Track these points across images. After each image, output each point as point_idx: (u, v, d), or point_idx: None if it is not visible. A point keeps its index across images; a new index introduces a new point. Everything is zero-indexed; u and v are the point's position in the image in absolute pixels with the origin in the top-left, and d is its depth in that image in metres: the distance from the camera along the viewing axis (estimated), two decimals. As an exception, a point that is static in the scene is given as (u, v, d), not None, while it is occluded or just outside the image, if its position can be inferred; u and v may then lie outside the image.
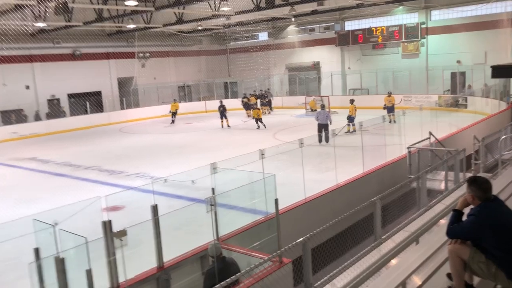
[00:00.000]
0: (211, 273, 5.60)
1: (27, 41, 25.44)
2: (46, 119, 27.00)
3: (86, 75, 29.44)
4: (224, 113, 24.16)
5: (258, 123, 22.60)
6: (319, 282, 5.08)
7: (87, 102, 27.89)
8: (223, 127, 24.00)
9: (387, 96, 22.33)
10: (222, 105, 24.51)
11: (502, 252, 3.86)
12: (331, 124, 17.75)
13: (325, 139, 16.42)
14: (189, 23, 27.14)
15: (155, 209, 5.74)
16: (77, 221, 5.79)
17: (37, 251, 4.67)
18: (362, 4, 25.48)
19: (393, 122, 19.27)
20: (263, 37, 36.29)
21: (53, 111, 27.74)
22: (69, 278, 4.67)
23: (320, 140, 16.55)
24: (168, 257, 6.10)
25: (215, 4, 23.10)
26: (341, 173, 10.37)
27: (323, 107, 19.68)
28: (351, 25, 31.52)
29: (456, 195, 7.63)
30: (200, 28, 29.86)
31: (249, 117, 25.39)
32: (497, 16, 24.93)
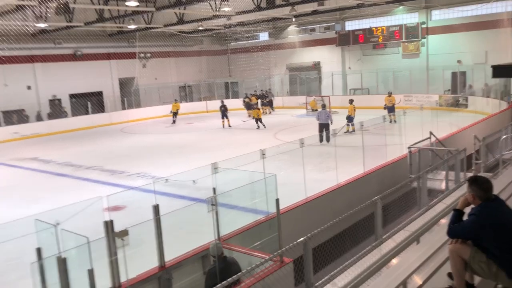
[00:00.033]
0: (212, 272, 5.62)
1: (29, 41, 25.48)
2: (47, 119, 27.03)
3: (88, 75, 29.46)
4: (225, 113, 24.22)
5: (258, 123, 22.62)
6: (320, 282, 5.10)
7: (88, 102, 27.93)
8: (224, 127, 24.05)
9: (387, 96, 22.35)
10: (223, 105, 24.60)
11: (502, 252, 3.86)
12: (332, 124, 17.80)
13: (326, 138, 16.49)
14: (190, 23, 27.16)
15: (156, 209, 5.74)
16: (78, 221, 5.82)
17: (39, 251, 4.68)
18: (363, 4, 25.48)
19: (393, 122, 19.28)
20: (263, 37, 36.30)
21: (54, 111, 27.75)
22: (71, 278, 4.67)
23: (321, 139, 16.60)
24: (170, 256, 6.11)
25: (215, 5, 23.11)
26: (341, 173, 10.37)
27: (324, 106, 19.72)
28: (351, 25, 31.51)
29: (456, 194, 7.65)
30: (201, 28, 29.87)
31: (249, 117, 25.41)
32: (497, 15, 24.92)
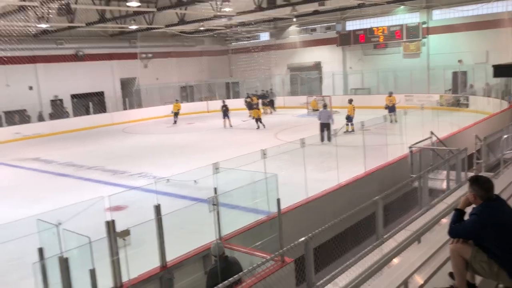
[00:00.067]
0: (213, 272, 5.63)
1: (30, 42, 25.49)
2: (49, 119, 27.06)
3: (89, 75, 29.50)
4: (226, 113, 24.25)
5: (258, 123, 22.64)
6: (321, 281, 5.10)
7: (90, 102, 27.96)
8: (225, 126, 24.09)
9: (388, 96, 22.34)
10: (224, 105, 24.64)
11: (504, 251, 3.87)
12: (333, 123, 17.84)
13: (327, 138, 16.54)
14: (191, 23, 27.17)
15: (158, 209, 5.75)
16: (80, 221, 5.81)
17: (41, 251, 4.69)
18: (364, 4, 25.47)
19: (394, 122, 19.27)
20: (264, 37, 36.30)
21: (56, 111, 27.79)
22: (72, 277, 4.68)
23: (323, 139, 16.64)
24: (171, 256, 6.11)
25: (216, 5, 23.13)
26: (342, 173, 10.37)
27: (325, 106, 19.78)
28: (352, 25, 31.50)
29: (457, 194, 7.65)
30: (202, 28, 29.90)
31: (249, 117, 25.45)
32: (498, 15, 24.91)
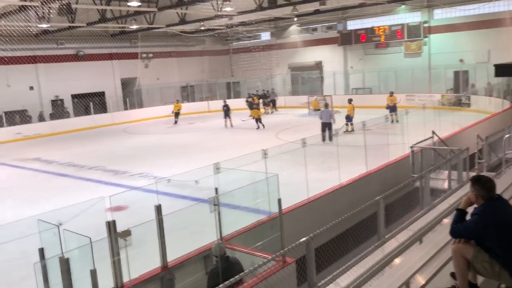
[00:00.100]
0: (215, 272, 5.62)
1: (31, 42, 25.53)
2: (50, 119, 27.08)
3: (90, 75, 29.52)
4: (227, 112, 24.25)
5: (258, 123, 22.64)
6: (322, 282, 5.10)
7: (90, 102, 27.98)
8: (227, 126, 24.10)
9: (389, 96, 22.32)
10: (226, 104, 24.65)
11: (506, 251, 3.85)
12: (334, 123, 17.85)
13: (329, 137, 16.54)
14: (192, 23, 27.18)
15: (158, 209, 5.74)
16: (81, 221, 5.83)
17: (42, 251, 4.69)
18: (365, 4, 25.45)
19: (395, 122, 19.27)
20: (265, 37, 36.30)
21: (57, 111, 27.81)
22: (73, 278, 4.68)
23: (324, 138, 16.64)
24: (172, 257, 6.10)
25: (217, 5, 23.13)
26: (344, 173, 10.36)
27: (326, 106, 19.80)
28: (353, 25, 31.47)
29: (459, 194, 7.63)
30: (202, 28, 29.87)
31: (249, 116, 25.44)
32: (500, 14, 24.87)
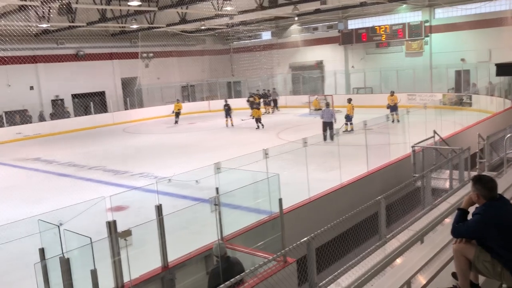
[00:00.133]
0: (215, 272, 5.61)
1: (31, 42, 25.54)
2: (50, 119, 27.09)
3: (90, 75, 29.53)
4: (228, 112, 24.25)
5: (258, 123, 22.63)
6: (323, 282, 5.09)
7: (91, 102, 27.98)
8: (228, 126, 24.10)
9: (390, 95, 22.30)
10: (227, 104, 24.65)
11: (507, 251, 3.84)
12: (336, 122, 17.86)
13: (330, 137, 16.53)
14: (192, 22, 27.15)
15: (159, 209, 5.73)
16: (81, 221, 5.80)
17: (42, 251, 4.68)
18: (366, 3, 25.40)
19: (396, 121, 19.24)
20: (266, 36, 36.27)
21: (57, 111, 27.81)
22: (74, 278, 4.67)
23: (325, 138, 16.62)
24: (173, 257, 6.09)
25: (218, 4, 23.11)
26: (345, 172, 10.34)
27: (328, 105, 19.82)
28: (354, 24, 31.46)
29: (461, 194, 7.63)
30: (203, 27, 29.88)
31: (250, 116, 25.44)
32: (501, 13, 24.82)
